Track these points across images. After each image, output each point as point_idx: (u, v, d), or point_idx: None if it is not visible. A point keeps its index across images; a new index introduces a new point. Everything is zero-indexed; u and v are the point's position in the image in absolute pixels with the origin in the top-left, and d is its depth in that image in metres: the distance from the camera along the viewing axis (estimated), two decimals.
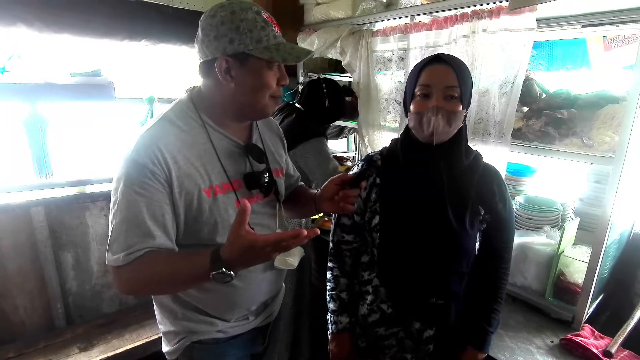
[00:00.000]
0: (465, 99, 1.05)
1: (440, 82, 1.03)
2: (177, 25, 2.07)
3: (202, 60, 0.95)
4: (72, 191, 1.94)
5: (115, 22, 1.92)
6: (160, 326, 1.12)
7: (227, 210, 0.98)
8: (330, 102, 1.98)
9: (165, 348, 1.12)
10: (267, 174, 1.05)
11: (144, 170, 0.86)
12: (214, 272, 0.79)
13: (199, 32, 0.93)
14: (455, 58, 1.08)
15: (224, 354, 1.11)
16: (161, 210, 0.88)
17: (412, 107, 1.08)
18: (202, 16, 0.93)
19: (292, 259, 1.12)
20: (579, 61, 2.48)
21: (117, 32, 1.94)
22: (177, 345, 1.07)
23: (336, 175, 1.10)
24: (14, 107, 1.78)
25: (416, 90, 1.07)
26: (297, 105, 2.04)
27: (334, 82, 2.10)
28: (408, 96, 1.12)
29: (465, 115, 1.10)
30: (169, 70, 2.21)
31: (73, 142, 2.01)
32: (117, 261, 0.85)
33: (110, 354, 1.80)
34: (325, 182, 1.11)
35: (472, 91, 1.55)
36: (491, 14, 1.45)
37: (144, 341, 1.89)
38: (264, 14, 0.93)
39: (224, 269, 0.78)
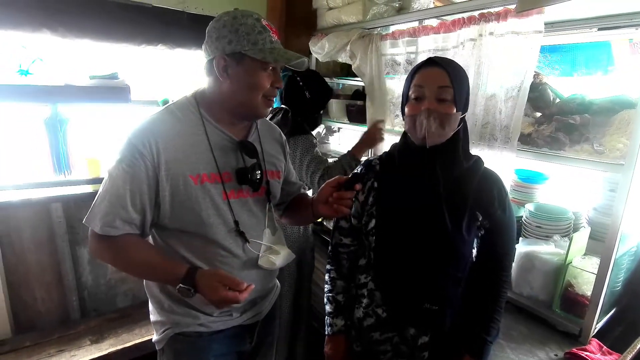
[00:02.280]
0: (459, 101, 1.03)
1: (432, 83, 1.02)
2: (192, 30, 2.13)
3: (206, 59, 1.02)
4: (89, 188, 2.03)
5: (133, 28, 2.00)
6: (150, 315, 1.17)
7: (213, 198, 1.03)
8: (310, 92, 1.94)
9: (154, 337, 1.16)
10: (259, 171, 1.08)
11: (134, 150, 0.95)
12: (181, 286, 0.94)
13: (206, 35, 1.02)
14: (450, 61, 1.06)
15: (206, 348, 1.13)
16: (140, 189, 0.97)
17: (406, 110, 1.08)
18: (212, 21, 1.02)
19: (274, 256, 1.13)
20: (604, 65, 2.39)
21: (135, 37, 2.02)
22: (163, 335, 1.11)
23: (332, 179, 1.10)
24: (36, 107, 1.88)
25: (410, 93, 1.07)
26: (283, 106, 2.03)
27: (312, 72, 2.07)
28: (403, 99, 1.12)
29: (462, 118, 1.08)
30: (183, 74, 2.28)
31: (91, 142, 2.10)
32: (94, 227, 0.96)
33: (119, 347, 1.87)
34: (322, 185, 1.12)
35: (479, 95, 1.54)
36: (499, 16, 1.43)
37: (152, 336, 1.94)
38: (264, 22, 1.01)
39: (191, 289, 0.94)
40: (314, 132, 2.07)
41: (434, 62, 1.03)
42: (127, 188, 0.95)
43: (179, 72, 2.28)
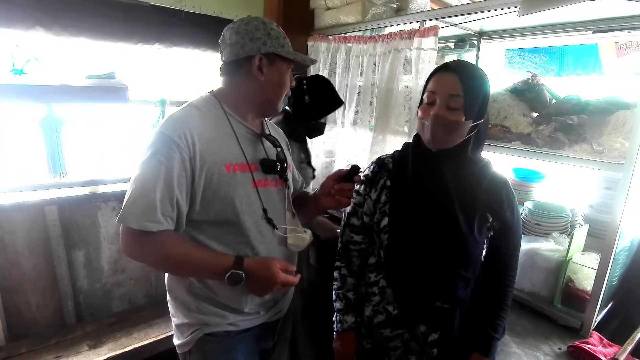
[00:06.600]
0: (470, 109, 1.02)
1: (444, 90, 1.03)
2: (190, 29, 2.11)
3: (232, 59, 1.08)
4: (85, 191, 1.99)
5: (130, 26, 1.97)
6: (173, 319, 1.16)
7: (244, 187, 1.07)
8: (310, 98, 1.87)
9: (177, 341, 1.15)
10: (279, 163, 1.14)
11: (170, 142, 0.96)
12: (233, 271, 0.97)
13: (233, 36, 1.07)
14: (467, 67, 1.07)
15: (235, 347, 1.14)
16: (178, 181, 0.96)
17: (418, 112, 1.10)
18: (235, 24, 1.09)
19: (305, 235, 1.17)
20: (591, 67, 2.47)
21: (132, 35, 1.99)
22: (190, 337, 1.11)
23: (333, 172, 1.22)
24: (31, 108, 1.83)
25: (424, 96, 1.09)
26: (286, 107, 1.98)
27: (320, 77, 1.97)
28: (420, 101, 1.13)
29: (476, 126, 1.07)
30: (180, 73, 2.25)
31: (87, 143, 2.05)
32: (131, 223, 0.93)
33: (119, 351, 1.83)
34: (324, 179, 1.23)
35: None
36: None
37: (151, 340, 1.92)
38: (280, 28, 1.13)
39: (242, 273, 0.97)
40: (315, 139, 2.09)
41: (449, 68, 1.04)
42: (165, 180, 0.94)
43: (177, 71, 2.24)
